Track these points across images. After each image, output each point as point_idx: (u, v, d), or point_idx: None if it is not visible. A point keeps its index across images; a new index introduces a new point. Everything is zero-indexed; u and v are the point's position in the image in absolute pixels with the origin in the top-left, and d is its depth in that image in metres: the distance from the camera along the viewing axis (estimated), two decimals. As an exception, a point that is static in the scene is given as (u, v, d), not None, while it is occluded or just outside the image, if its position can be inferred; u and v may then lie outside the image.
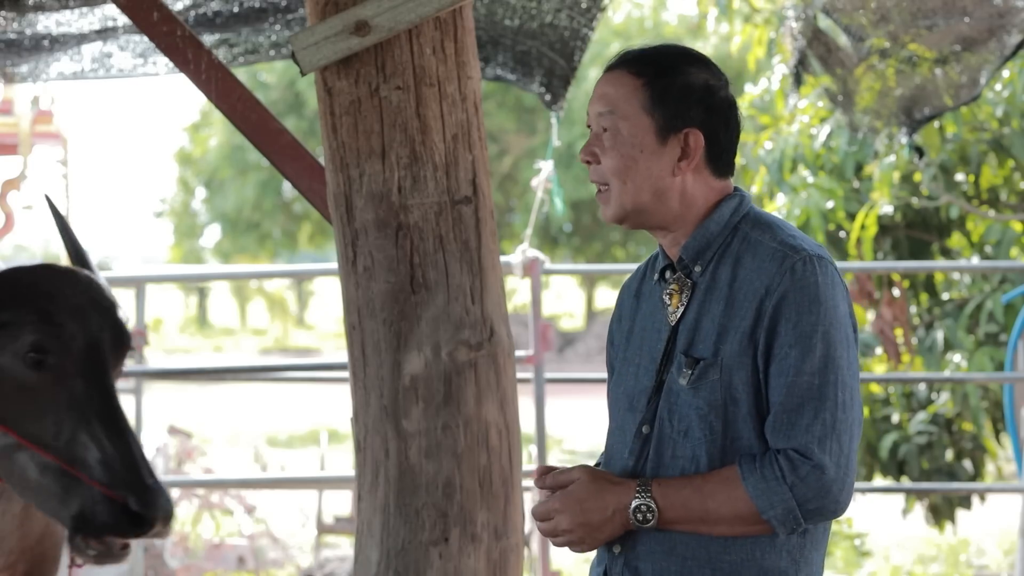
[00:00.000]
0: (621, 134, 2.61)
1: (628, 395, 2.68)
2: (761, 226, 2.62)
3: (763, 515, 2.50)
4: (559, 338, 28.36)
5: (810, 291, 2.51)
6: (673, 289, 2.65)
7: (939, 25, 5.22)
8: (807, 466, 2.48)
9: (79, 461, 3.14)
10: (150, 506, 3.11)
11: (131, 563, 6.85)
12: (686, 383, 2.57)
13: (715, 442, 2.55)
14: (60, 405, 3.18)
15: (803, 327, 2.50)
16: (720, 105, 2.63)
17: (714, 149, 2.62)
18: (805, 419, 2.49)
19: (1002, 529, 10.01)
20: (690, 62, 2.64)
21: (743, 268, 2.57)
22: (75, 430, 3.15)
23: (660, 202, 2.62)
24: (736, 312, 2.55)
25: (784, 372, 2.51)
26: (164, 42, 3.53)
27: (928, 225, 8.69)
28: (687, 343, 2.59)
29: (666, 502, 2.54)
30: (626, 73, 2.64)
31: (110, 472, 3.12)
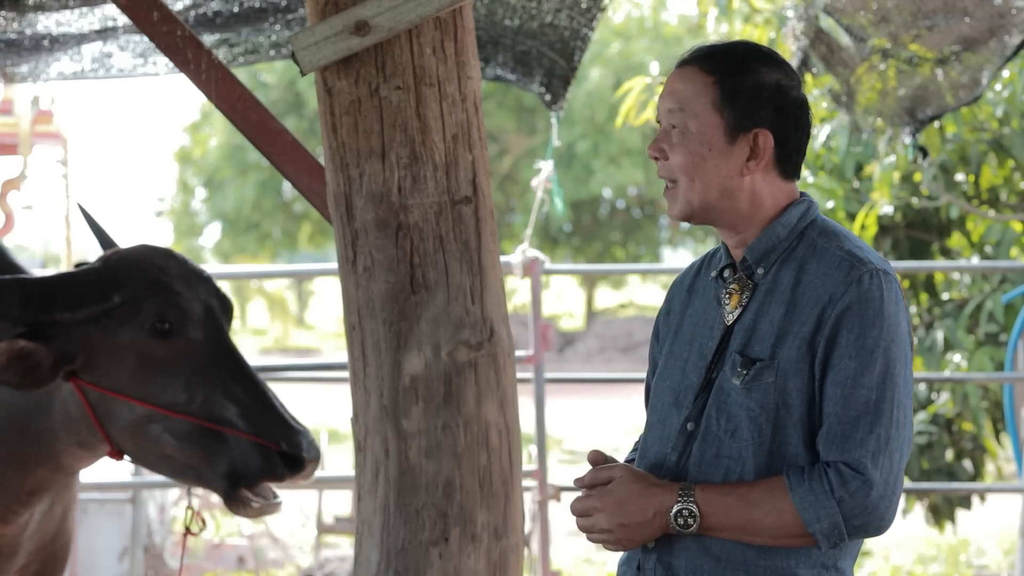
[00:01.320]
0: (690, 131, 2.59)
1: (674, 390, 2.65)
2: (828, 234, 2.59)
3: (808, 528, 2.48)
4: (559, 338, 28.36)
5: (875, 305, 2.49)
6: (733, 289, 2.62)
7: (940, 25, 5.22)
8: (857, 481, 2.46)
9: (219, 418, 3.24)
10: (302, 447, 3.21)
11: (131, 563, 6.85)
12: (740, 383, 2.54)
13: (762, 445, 2.52)
14: (189, 369, 3.28)
15: (865, 340, 2.48)
16: (791, 106, 2.60)
17: (784, 150, 2.60)
18: (860, 433, 2.47)
19: (1002, 529, 10.01)
20: (762, 61, 2.61)
21: (807, 274, 2.55)
22: (209, 390, 3.26)
23: (727, 201, 2.60)
24: (797, 316, 2.53)
25: (841, 383, 2.48)
26: (164, 42, 3.53)
27: (928, 225, 8.69)
28: (743, 343, 2.57)
29: (709, 508, 2.51)
30: (697, 70, 2.61)
31: (255, 422, 3.23)
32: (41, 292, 3.24)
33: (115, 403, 3.27)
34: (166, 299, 3.30)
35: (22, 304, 3.21)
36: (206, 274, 3.45)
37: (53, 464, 3.40)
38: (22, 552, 3.56)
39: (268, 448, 3.22)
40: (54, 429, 3.35)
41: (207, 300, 3.38)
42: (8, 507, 3.44)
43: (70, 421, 3.33)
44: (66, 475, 3.50)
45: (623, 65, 25.51)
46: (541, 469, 6.52)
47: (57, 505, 3.59)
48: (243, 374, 3.30)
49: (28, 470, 3.40)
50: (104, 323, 3.28)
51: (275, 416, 3.25)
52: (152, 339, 3.29)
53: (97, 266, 3.40)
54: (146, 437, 3.28)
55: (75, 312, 3.25)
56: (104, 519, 7.47)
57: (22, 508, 3.46)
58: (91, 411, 3.28)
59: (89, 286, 3.31)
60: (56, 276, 3.35)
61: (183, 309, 3.31)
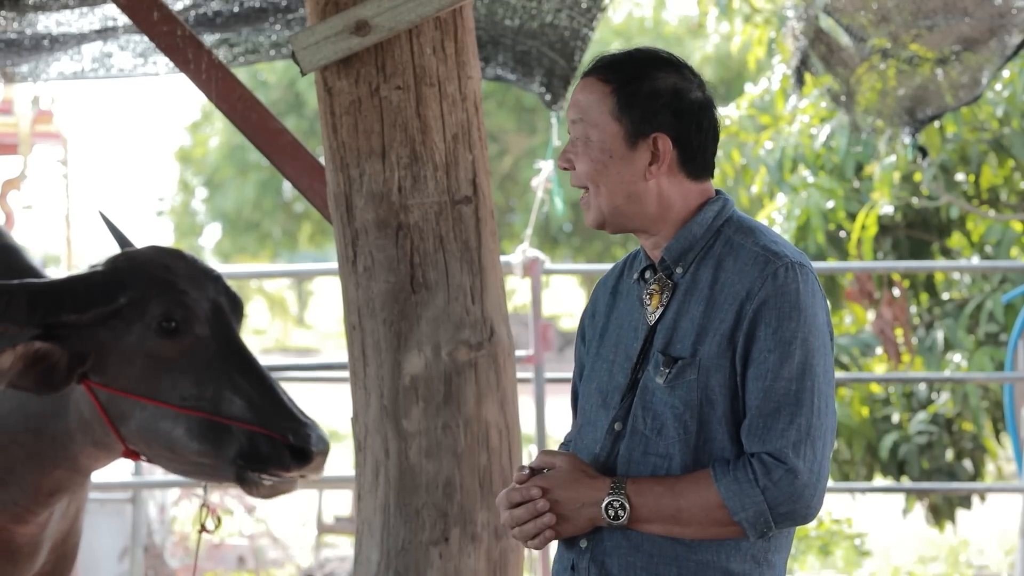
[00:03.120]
0: (592, 140, 2.64)
1: (601, 392, 2.69)
2: (744, 230, 2.64)
3: (734, 517, 2.51)
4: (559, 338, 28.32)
5: (791, 298, 2.53)
6: (654, 289, 2.66)
7: (940, 25, 5.22)
8: (780, 470, 2.49)
9: (228, 413, 3.27)
10: (311, 440, 3.22)
11: (131, 563, 6.85)
12: (663, 381, 2.58)
13: (688, 442, 2.56)
14: (197, 366, 3.30)
15: (783, 333, 2.52)
16: (689, 108, 2.64)
17: (686, 152, 2.64)
18: (781, 424, 2.51)
19: (1002, 529, 10.00)
20: (659, 66, 2.66)
21: (724, 271, 2.59)
22: (218, 386, 3.28)
23: (635, 206, 2.64)
24: (716, 313, 2.57)
25: (762, 376, 2.53)
26: (164, 42, 3.53)
27: (928, 225, 8.69)
28: (665, 342, 2.61)
29: (639, 500, 2.55)
30: (596, 80, 2.67)
31: (263, 416, 3.26)
32: (48, 295, 3.26)
33: (126, 403, 3.29)
34: (172, 298, 3.32)
35: (30, 307, 3.22)
36: (215, 273, 3.47)
37: (70, 465, 3.43)
38: (43, 551, 3.59)
39: (276, 441, 3.24)
40: (70, 431, 3.38)
41: (215, 298, 3.39)
42: (28, 507, 3.47)
43: (84, 422, 3.35)
44: (83, 475, 3.53)
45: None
46: (541, 469, 6.51)
47: (72, 505, 3.63)
48: (251, 370, 3.31)
49: (46, 471, 3.42)
50: (112, 324, 3.30)
51: (283, 410, 3.27)
52: (159, 338, 3.30)
53: (104, 267, 3.41)
54: (158, 435, 3.30)
55: (83, 313, 3.27)
56: (104, 519, 7.46)
57: (41, 508, 3.49)
58: (103, 412, 3.30)
59: (96, 287, 3.33)
60: (63, 279, 3.37)
61: (189, 307, 3.32)
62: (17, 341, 3.20)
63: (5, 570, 3.52)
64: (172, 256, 3.45)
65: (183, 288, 3.34)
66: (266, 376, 3.32)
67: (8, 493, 3.44)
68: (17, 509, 3.45)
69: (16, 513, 3.46)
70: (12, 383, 3.21)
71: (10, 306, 3.21)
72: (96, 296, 3.30)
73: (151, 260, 3.42)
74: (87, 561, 7.34)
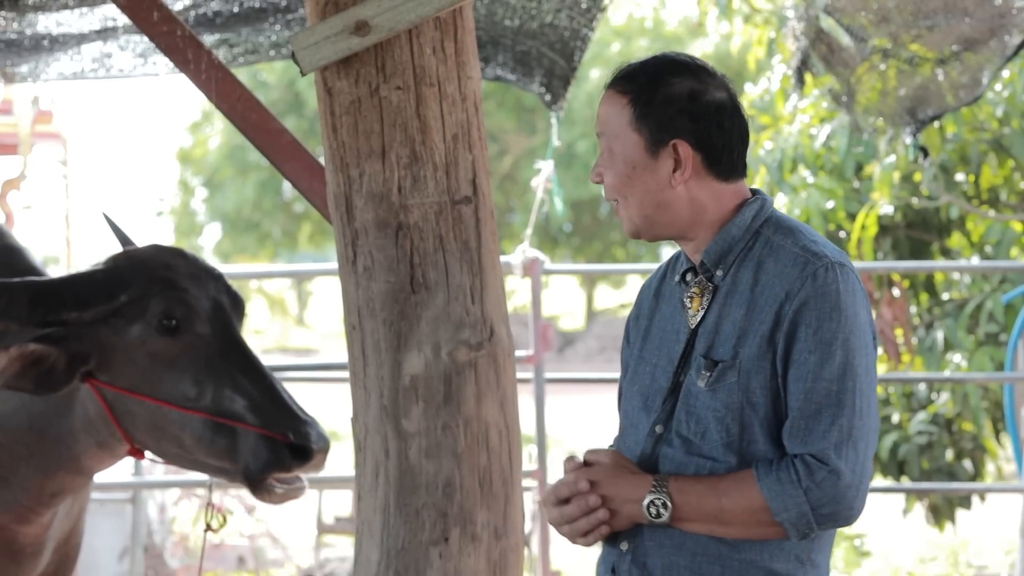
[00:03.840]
0: (615, 153, 2.64)
1: (643, 394, 2.68)
2: (783, 230, 2.62)
3: (776, 517, 2.50)
4: (559, 338, 28.37)
5: (831, 298, 2.52)
6: (694, 292, 2.65)
7: (940, 25, 5.22)
8: (823, 471, 2.48)
9: (229, 412, 3.26)
10: (310, 438, 3.24)
11: (131, 563, 6.85)
12: (704, 385, 2.57)
13: (731, 445, 2.55)
14: (198, 364, 3.30)
15: (823, 334, 2.51)
16: (706, 110, 2.62)
17: (711, 154, 2.62)
18: (823, 425, 2.50)
19: (1002, 529, 10.00)
20: (673, 72, 2.65)
21: (765, 272, 2.57)
22: (218, 384, 3.28)
23: (666, 214, 2.63)
24: (756, 315, 2.55)
25: (803, 378, 2.51)
26: (164, 42, 3.53)
27: (928, 225, 8.69)
28: (707, 345, 2.59)
29: (681, 499, 2.54)
30: (614, 92, 2.68)
31: (263, 414, 3.26)
32: (49, 293, 3.26)
33: (131, 402, 3.29)
34: (172, 296, 3.32)
35: (30, 305, 3.22)
36: (216, 271, 3.47)
37: (74, 466, 3.43)
38: (46, 552, 3.59)
39: (276, 440, 3.24)
40: (74, 431, 3.38)
41: (216, 297, 3.39)
42: (31, 508, 3.47)
43: (89, 422, 3.35)
44: (86, 477, 3.53)
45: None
46: (541, 469, 6.53)
47: (75, 505, 3.63)
48: (252, 368, 3.32)
49: (50, 473, 3.43)
50: (114, 322, 3.31)
51: (284, 408, 3.27)
52: (160, 336, 3.31)
53: (105, 266, 3.42)
54: (163, 433, 3.31)
55: (84, 311, 3.27)
56: (104, 519, 7.46)
57: (44, 509, 3.49)
58: (109, 411, 3.30)
59: (96, 286, 3.33)
60: (64, 277, 3.37)
61: (190, 305, 3.33)
62: (13, 342, 3.19)
63: (8, 570, 3.52)
64: (173, 254, 3.45)
65: (184, 286, 3.34)
66: (267, 374, 3.32)
67: (11, 493, 3.44)
68: (20, 509, 3.46)
69: (19, 513, 3.46)
70: (8, 385, 3.21)
71: (11, 304, 3.21)
72: (97, 294, 3.30)
73: (152, 258, 3.42)
74: (87, 561, 7.33)
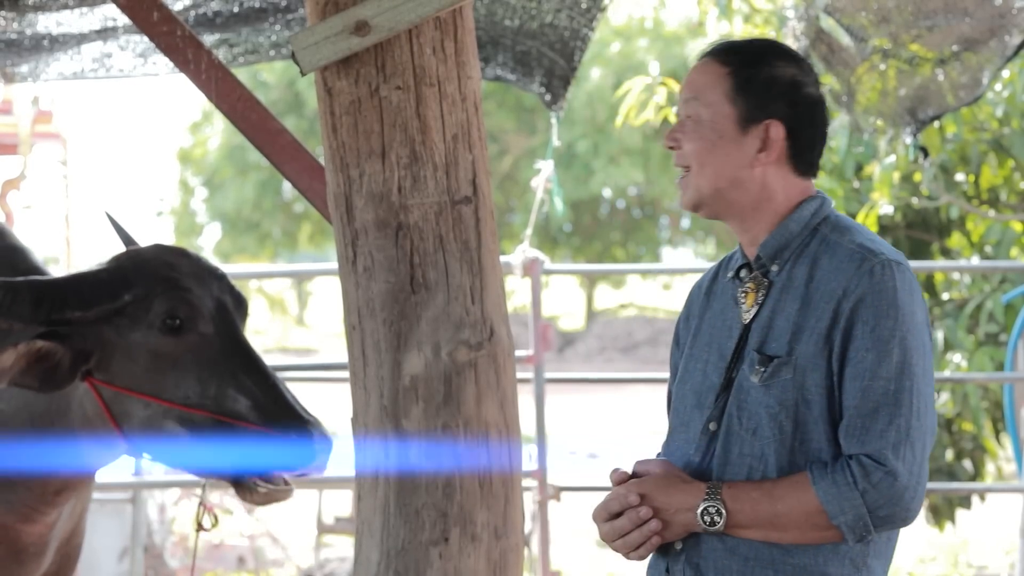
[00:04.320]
0: (703, 120, 2.61)
1: (695, 392, 2.65)
2: (840, 228, 2.60)
3: (833, 520, 2.48)
4: (559, 338, 28.36)
5: (888, 295, 2.49)
6: (749, 288, 2.63)
7: (940, 25, 5.22)
8: (880, 472, 2.45)
9: (232, 412, 3.26)
10: (313, 439, 3.24)
11: (131, 563, 6.85)
12: (758, 380, 2.54)
13: (784, 442, 2.52)
14: (201, 364, 3.30)
15: (880, 331, 2.48)
16: (805, 101, 2.61)
17: (796, 145, 2.61)
18: (880, 424, 2.47)
19: (1002, 529, 10.00)
20: (779, 55, 2.64)
21: (820, 268, 2.55)
22: (221, 384, 3.29)
23: (737, 192, 2.61)
24: (812, 312, 2.53)
25: (859, 376, 2.48)
26: (164, 42, 3.53)
27: (928, 225, 8.69)
28: (760, 341, 2.57)
29: (735, 506, 2.51)
30: (713, 61, 2.65)
31: (266, 414, 3.27)
32: (53, 292, 3.27)
33: (129, 401, 3.30)
34: (176, 295, 3.33)
35: (34, 304, 3.23)
36: (220, 271, 3.48)
37: (77, 464, 3.44)
38: (49, 551, 3.60)
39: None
40: (74, 430, 3.38)
41: (219, 296, 3.40)
42: (35, 507, 3.48)
43: (88, 421, 3.36)
44: (89, 474, 3.54)
45: (623, 65, 25.50)
46: (541, 469, 6.53)
47: (78, 504, 3.64)
48: (255, 368, 3.32)
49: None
50: (116, 322, 3.31)
51: (286, 408, 3.28)
52: (163, 335, 3.31)
53: (108, 265, 3.43)
54: (160, 433, 3.31)
55: (87, 311, 3.28)
56: (104, 519, 7.46)
57: (48, 508, 3.50)
58: (106, 409, 3.31)
59: (100, 285, 3.34)
60: (68, 276, 3.38)
61: (193, 305, 3.33)
62: (19, 339, 3.21)
63: (11, 571, 3.53)
64: (176, 254, 3.46)
65: (187, 286, 3.35)
66: (270, 374, 3.33)
67: (15, 493, 3.45)
68: (25, 509, 3.46)
69: (24, 513, 3.47)
70: (14, 381, 3.22)
71: (15, 303, 3.22)
72: (100, 293, 3.31)
73: (155, 258, 3.43)
74: (87, 561, 7.33)
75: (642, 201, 29.25)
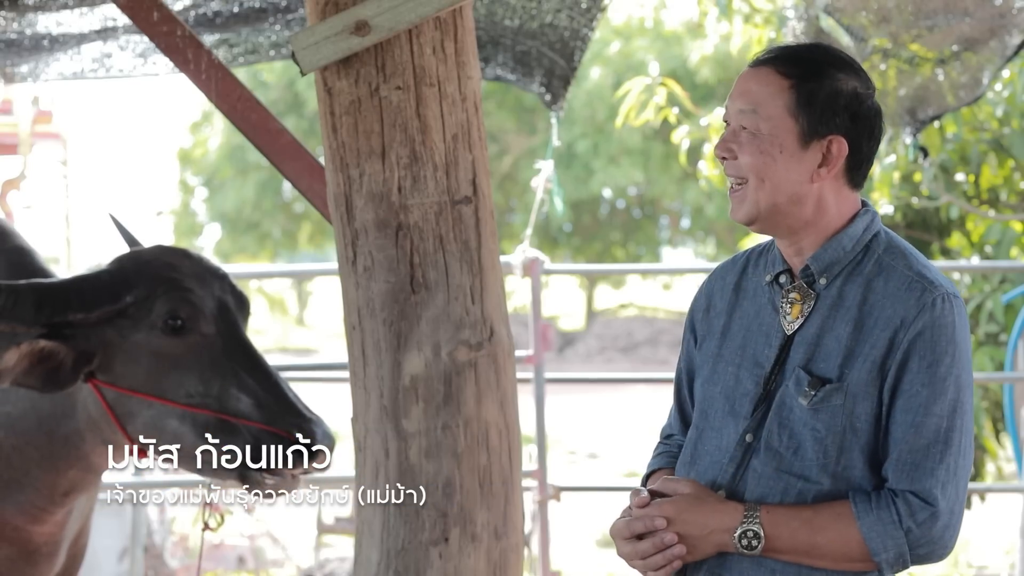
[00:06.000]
0: (762, 133, 2.55)
1: (727, 397, 2.61)
2: (894, 251, 2.56)
3: (875, 557, 2.46)
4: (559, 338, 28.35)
5: (947, 331, 2.47)
6: (795, 298, 2.58)
7: (940, 25, 5.22)
8: (926, 512, 2.45)
9: (234, 410, 3.28)
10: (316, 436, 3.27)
11: (131, 563, 6.85)
12: (807, 403, 2.51)
13: (827, 467, 2.50)
14: (203, 363, 3.33)
15: (938, 368, 2.46)
16: (867, 114, 2.56)
17: (855, 159, 2.57)
18: (931, 462, 2.46)
19: (1002, 529, 10.00)
20: (840, 67, 2.57)
21: (874, 292, 2.52)
22: (224, 383, 3.31)
23: (794, 207, 2.56)
24: (866, 337, 2.50)
25: (913, 410, 2.46)
26: (164, 42, 3.53)
27: (928, 225, 8.69)
28: (806, 358, 2.53)
29: (774, 531, 2.49)
30: (773, 72, 2.57)
31: (269, 412, 3.29)
32: (55, 294, 3.28)
33: (133, 401, 3.31)
34: (178, 296, 3.34)
35: (36, 307, 3.25)
36: (221, 272, 3.49)
37: (83, 465, 3.46)
38: (62, 552, 3.62)
39: (282, 438, 3.26)
40: (80, 430, 3.40)
41: (221, 296, 3.41)
42: (44, 508, 3.49)
43: (92, 421, 3.38)
44: (96, 474, 3.56)
45: (623, 65, 25.49)
46: (541, 469, 6.52)
47: (87, 504, 3.66)
48: (257, 367, 3.34)
49: (60, 472, 3.45)
50: (118, 323, 3.33)
51: (288, 406, 3.29)
52: (165, 336, 3.33)
53: (110, 267, 3.44)
54: (164, 433, 3.32)
55: (89, 312, 3.29)
56: (104, 519, 7.45)
57: (57, 508, 3.51)
58: (110, 410, 3.32)
59: (102, 287, 3.35)
60: (70, 278, 3.39)
61: (195, 305, 3.35)
62: (22, 340, 3.22)
63: (24, 571, 3.54)
64: (178, 255, 3.47)
65: (189, 286, 3.36)
66: (272, 373, 3.34)
67: (24, 494, 3.46)
68: (34, 510, 3.48)
69: (33, 514, 3.49)
70: (17, 381, 3.23)
71: (17, 305, 3.23)
72: (102, 295, 3.32)
73: (157, 259, 3.44)
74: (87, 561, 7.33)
75: (642, 201, 29.24)
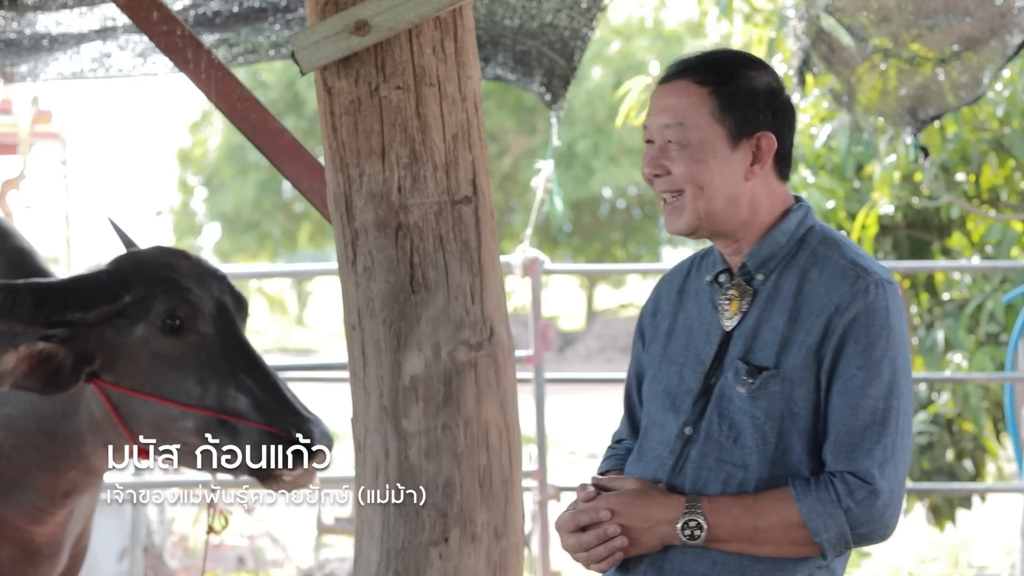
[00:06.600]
0: (692, 143, 2.59)
1: (669, 394, 2.65)
2: (828, 242, 2.61)
3: (816, 538, 2.50)
4: (559, 338, 28.36)
5: (881, 315, 2.51)
6: (732, 295, 2.63)
7: (941, 25, 5.22)
8: (864, 490, 2.48)
9: (233, 410, 3.29)
10: (315, 435, 3.30)
11: (131, 563, 6.85)
12: (745, 391, 2.55)
13: (766, 453, 2.53)
14: (202, 363, 3.33)
15: (872, 351, 2.50)
16: (784, 107, 2.63)
17: (781, 151, 2.62)
18: (868, 443, 2.49)
19: (1002, 529, 10.00)
20: (750, 66, 2.64)
21: (809, 282, 2.56)
22: (222, 383, 3.32)
23: (731, 209, 2.61)
24: (801, 325, 2.54)
25: (849, 393, 2.50)
26: (164, 42, 3.53)
27: (928, 225, 8.69)
28: (744, 349, 2.57)
29: (716, 520, 2.52)
30: (690, 82, 2.62)
31: (268, 412, 3.30)
32: (54, 293, 3.29)
33: (135, 401, 3.31)
34: (176, 296, 3.35)
35: (34, 306, 3.25)
36: (220, 272, 3.50)
37: (84, 466, 3.46)
38: (64, 553, 3.62)
39: (280, 437, 3.27)
40: (81, 431, 3.40)
41: (219, 297, 3.42)
42: (45, 509, 3.50)
43: (95, 422, 3.38)
44: (97, 476, 3.57)
45: (623, 65, 25.52)
46: (541, 469, 6.53)
47: (89, 504, 3.66)
48: (255, 366, 3.34)
49: (61, 473, 3.46)
50: (118, 323, 3.33)
51: (286, 406, 3.30)
52: (164, 336, 3.33)
53: (109, 267, 3.45)
54: (167, 433, 3.33)
55: (88, 312, 3.29)
56: (104, 519, 7.46)
57: (58, 509, 3.52)
58: (113, 411, 3.33)
59: (100, 286, 3.35)
60: (68, 278, 3.40)
61: (193, 305, 3.35)
62: (20, 341, 3.22)
63: (27, 572, 3.55)
64: (176, 255, 3.47)
65: (187, 286, 3.37)
66: (270, 373, 3.35)
67: (25, 495, 3.46)
68: (34, 511, 3.48)
69: (33, 515, 3.49)
70: (17, 384, 3.23)
71: (16, 305, 3.23)
72: (101, 295, 3.33)
73: (155, 259, 3.45)
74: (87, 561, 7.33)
75: (642, 201, 29.26)
